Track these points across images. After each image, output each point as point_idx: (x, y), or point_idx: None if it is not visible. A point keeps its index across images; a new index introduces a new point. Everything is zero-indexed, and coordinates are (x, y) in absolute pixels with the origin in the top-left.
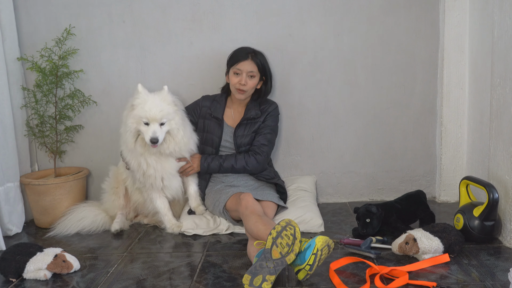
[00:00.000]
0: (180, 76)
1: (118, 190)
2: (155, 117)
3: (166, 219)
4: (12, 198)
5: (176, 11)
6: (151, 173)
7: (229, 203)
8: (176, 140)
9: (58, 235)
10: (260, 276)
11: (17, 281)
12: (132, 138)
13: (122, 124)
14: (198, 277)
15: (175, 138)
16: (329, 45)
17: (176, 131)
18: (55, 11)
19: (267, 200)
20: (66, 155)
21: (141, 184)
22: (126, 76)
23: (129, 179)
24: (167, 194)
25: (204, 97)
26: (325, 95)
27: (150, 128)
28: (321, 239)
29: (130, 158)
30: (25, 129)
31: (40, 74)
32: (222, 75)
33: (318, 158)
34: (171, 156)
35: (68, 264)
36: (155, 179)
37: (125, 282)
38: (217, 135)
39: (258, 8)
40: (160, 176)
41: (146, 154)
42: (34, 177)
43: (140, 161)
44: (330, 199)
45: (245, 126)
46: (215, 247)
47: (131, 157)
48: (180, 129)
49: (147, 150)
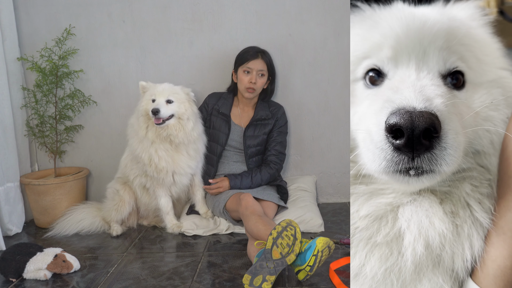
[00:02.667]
0: (180, 76)
1: (122, 203)
2: (162, 92)
3: (167, 218)
4: (12, 198)
5: (176, 11)
6: (163, 166)
7: (229, 203)
8: (185, 129)
9: (57, 235)
10: (260, 276)
11: (17, 281)
12: (144, 123)
13: (134, 114)
14: (198, 277)
15: (184, 128)
16: (329, 45)
17: (186, 119)
18: (55, 11)
19: (267, 200)
20: (66, 155)
21: (150, 180)
22: (126, 76)
23: (138, 178)
24: (173, 193)
25: (210, 95)
26: (325, 95)
27: (155, 102)
28: (322, 240)
29: (141, 150)
30: (25, 129)
31: (40, 74)
32: (222, 75)
33: (318, 158)
34: (180, 146)
35: (68, 264)
36: (167, 174)
37: (125, 282)
38: (224, 132)
39: (258, 8)
40: (172, 170)
41: (157, 143)
42: (34, 177)
43: (151, 152)
44: (330, 199)
45: (255, 127)
46: (215, 247)
47: (141, 149)
48: (190, 119)
49: (158, 137)
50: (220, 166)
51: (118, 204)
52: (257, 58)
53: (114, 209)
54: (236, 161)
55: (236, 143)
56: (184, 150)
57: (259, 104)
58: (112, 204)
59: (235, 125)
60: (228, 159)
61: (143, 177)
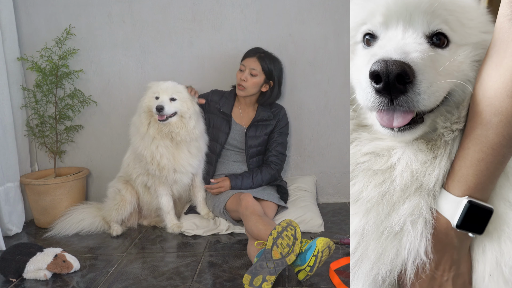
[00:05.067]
0: (180, 76)
1: (123, 203)
2: (166, 89)
3: (168, 217)
4: (12, 198)
5: (176, 11)
6: (165, 164)
7: (229, 203)
8: (187, 127)
9: (57, 235)
10: (260, 276)
11: (17, 281)
12: (146, 119)
13: (136, 112)
14: (198, 277)
15: (186, 125)
16: (329, 45)
17: (188, 118)
18: (55, 11)
19: (267, 200)
20: (66, 155)
21: (152, 179)
22: (126, 76)
23: (140, 177)
24: (175, 191)
25: (214, 92)
26: (325, 95)
27: (159, 99)
28: (322, 240)
29: (143, 147)
30: (25, 129)
31: (40, 74)
32: (222, 75)
33: (318, 158)
34: (181, 144)
35: (68, 264)
36: (168, 171)
37: (125, 282)
38: (225, 131)
39: (258, 8)
40: (173, 168)
41: (158, 139)
42: (34, 177)
43: (153, 149)
44: (330, 199)
45: (257, 127)
46: (215, 247)
47: (143, 147)
48: (192, 118)
49: (159, 133)
50: (220, 166)
51: (119, 204)
52: (253, 57)
53: (115, 209)
54: (236, 161)
55: (237, 142)
56: (185, 148)
57: (260, 106)
58: (113, 203)
59: (236, 124)
60: (228, 159)
61: (145, 176)
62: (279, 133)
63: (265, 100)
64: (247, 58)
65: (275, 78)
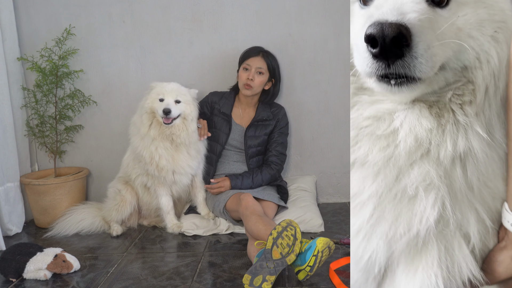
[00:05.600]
0: (180, 76)
1: (123, 203)
2: (171, 91)
3: (168, 218)
4: (12, 198)
5: (176, 11)
6: (164, 165)
7: (229, 203)
8: (188, 130)
9: (57, 235)
10: (260, 276)
11: (17, 281)
12: (148, 120)
13: (136, 112)
14: (198, 277)
15: (187, 128)
16: (329, 45)
17: (190, 120)
18: (55, 11)
19: (267, 200)
20: (66, 155)
21: (151, 179)
22: (126, 76)
23: (139, 177)
24: (174, 192)
25: (213, 93)
26: (325, 95)
27: (164, 102)
28: (322, 240)
29: (142, 148)
30: (25, 129)
31: (40, 74)
32: (222, 75)
33: (318, 158)
34: (181, 146)
35: (68, 264)
36: (167, 172)
37: (125, 282)
38: (225, 131)
39: (258, 8)
40: (172, 169)
41: (158, 140)
42: (34, 177)
43: (152, 150)
44: (330, 199)
45: (256, 127)
46: (215, 247)
47: (143, 147)
48: (194, 121)
49: (160, 135)
50: (220, 166)
51: (119, 204)
52: (258, 56)
53: (115, 209)
54: (236, 161)
55: (237, 142)
56: (184, 149)
57: (260, 105)
58: (113, 203)
59: (236, 125)
60: (228, 159)
61: (144, 176)
62: (279, 133)
63: (268, 98)
64: (251, 57)
65: (277, 76)
